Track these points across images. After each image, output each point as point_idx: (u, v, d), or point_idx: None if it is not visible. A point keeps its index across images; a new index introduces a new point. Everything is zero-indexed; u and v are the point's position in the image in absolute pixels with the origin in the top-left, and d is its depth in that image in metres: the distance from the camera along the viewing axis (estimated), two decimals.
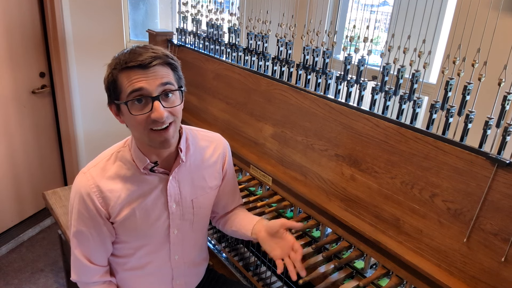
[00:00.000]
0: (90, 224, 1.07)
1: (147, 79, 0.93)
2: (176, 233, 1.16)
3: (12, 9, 2.35)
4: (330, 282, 1.17)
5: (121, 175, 1.07)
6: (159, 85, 0.95)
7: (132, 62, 0.92)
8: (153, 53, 0.95)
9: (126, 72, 0.94)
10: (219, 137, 1.26)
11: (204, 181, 1.19)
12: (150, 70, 0.94)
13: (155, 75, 0.94)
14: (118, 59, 0.95)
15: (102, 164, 1.08)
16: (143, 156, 1.06)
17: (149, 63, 0.93)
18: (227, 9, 1.81)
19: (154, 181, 1.10)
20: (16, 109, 2.52)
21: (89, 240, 1.09)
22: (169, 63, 0.98)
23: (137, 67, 0.93)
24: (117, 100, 0.97)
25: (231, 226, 1.28)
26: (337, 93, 1.32)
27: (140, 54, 0.94)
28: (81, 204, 1.06)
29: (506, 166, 0.90)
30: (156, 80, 0.94)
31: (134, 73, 0.93)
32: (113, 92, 0.98)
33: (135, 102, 0.95)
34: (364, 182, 1.22)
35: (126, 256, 1.17)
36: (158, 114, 0.94)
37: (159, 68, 0.95)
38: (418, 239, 1.09)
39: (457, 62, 1.03)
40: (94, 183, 1.05)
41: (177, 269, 1.22)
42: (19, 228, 2.72)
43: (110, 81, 0.97)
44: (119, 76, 0.95)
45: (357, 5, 1.46)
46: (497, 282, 0.94)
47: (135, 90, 0.93)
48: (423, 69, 1.09)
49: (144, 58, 0.93)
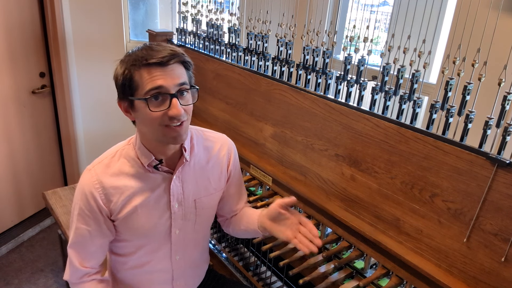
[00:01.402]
0: (90, 222, 1.07)
1: (165, 77, 0.95)
2: (178, 233, 1.16)
3: (12, 9, 2.35)
4: (330, 282, 1.18)
5: (124, 171, 1.08)
6: (177, 84, 0.96)
7: (153, 59, 0.93)
8: (171, 50, 0.96)
9: (145, 68, 0.94)
10: (224, 138, 1.25)
11: (208, 181, 1.19)
12: (168, 68, 0.95)
13: (173, 72, 0.96)
14: (136, 56, 0.95)
15: (107, 161, 1.09)
16: (148, 152, 1.06)
17: (168, 60, 0.94)
18: (227, 9, 1.81)
19: (158, 179, 1.10)
20: (16, 109, 2.52)
21: (86, 238, 1.09)
22: (184, 62, 1.00)
23: (157, 64, 0.94)
24: (132, 96, 0.98)
25: (240, 226, 1.27)
26: (337, 93, 1.32)
27: (158, 51, 0.95)
28: (83, 201, 1.06)
29: (506, 166, 0.90)
30: (174, 78, 0.96)
31: (153, 70, 0.94)
32: (128, 88, 0.97)
33: (153, 99, 0.96)
34: (364, 182, 1.22)
35: (127, 255, 1.17)
36: (176, 111, 0.95)
37: (176, 66, 0.97)
38: (418, 239, 1.09)
39: (457, 62, 1.03)
40: (98, 180, 1.06)
41: (177, 269, 1.22)
42: (19, 228, 2.72)
43: (126, 77, 0.97)
44: (137, 73, 0.95)
45: (357, 5, 1.46)
46: (497, 282, 0.94)
47: (155, 88, 0.94)
48: (423, 69, 1.09)
49: (164, 55, 0.94)
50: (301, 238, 1.01)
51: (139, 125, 1.05)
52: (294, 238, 1.02)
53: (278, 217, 1.07)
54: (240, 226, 1.27)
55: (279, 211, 1.06)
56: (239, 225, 1.27)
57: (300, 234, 1.02)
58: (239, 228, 1.27)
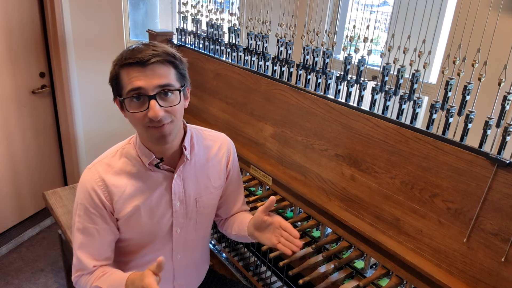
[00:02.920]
0: (97, 220, 1.07)
1: (145, 78, 0.94)
2: (179, 232, 1.17)
3: (12, 9, 2.35)
4: (330, 282, 1.18)
5: (126, 170, 1.08)
6: (157, 86, 0.95)
7: (131, 59, 0.93)
8: (153, 50, 0.95)
9: (126, 68, 0.95)
10: (224, 137, 1.26)
11: (208, 180, 1.19)
12: (148, 68, 0.94)
13: (153, 73, 0.95)
14: (121, 55, 0.97)
15: (107, 160, 1.09)
16: (148, 151, 1.07)
17: (147, 60, 0.93)
18: (227, 9, 1.81)
19: (159, 178, 1.10)
20: (16, 109, 2.52)
21: (95, 237, 1.08)
22: (169, 61, 0.98)
23: (136, 64, 0.93)
24: (119, 96, 0.99)
25: (232, 231, 1.27)
26: (337, 93, 1.32)
27: (140, 51, 0.94)
28: (87, 198, 1.06)
29: (506, 166, 0.90)
30: (153, 79, 0.94)
31: (133, 70, 0.94)
32: (116, 87, 1.00)
33: (134, 100, 0.96)
34: (364, 182, 1.22)
35: (129, 254, 1.17)
36: (153, 113, 0.94)
37: (158, 66, 0.95)
38: (418, 239, 1.09)
39: (457, 62, 1.03)
40: (100, 177, 1.06)
41: (178, 269, 1.22)
42: (19, 228, 2.72)
43: (112, 76, 0.99)
44: (120, 72, 0.97)
45: (357, 5, 1.46)
46: (497, 282, 0.94)
47: (133, 89, 0.95)
48: (423, 69, 1.09)
49: (143, 55, 0.93)
50: (284, 241, 1.04)
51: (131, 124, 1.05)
52: (278, 243, 1.05)
53: (262, 225, 1.09)
54: (231, 231, 1.28)
55: (262, 219, 1.07)
56: (231, 229, 1.28)
57: (282, 238, 1.05)
58: (231, 233, 1.28)
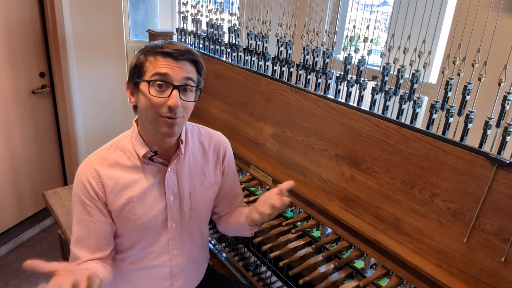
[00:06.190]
0: (93, 212, 1.08)
1: (174, 68, 1.00)
2: (175, 226, 1.18)
3: (12, 9, 2.35)
4: (330, 282, 1.18)
5: (120, 163, 1.10)
6: (183, 78, 1.01)
7: (168, 48, 1.00)
8: (188, 49, 1.03)
9: (158, 56, 1.00)
10: (219, 135, 1.29)
11: (203, 175, 1.21)
12: (179, 62, 1.01)
13: (183, 67, 1.01)
14: (155, 44, 1.03)
15: (102, 153, 1.11)
16: (144, 143, 1.09)
17: (181, 54, 1.00)
18: (227, 9, 1.81)
19: (153, 171, 1.12)
20: (16, 109, 2.52)
21: (90, 229, 1.08)
22: (197, 62, 1.05)
23: (170, 55, 1.00)
24: (139, 79, 1.02)
25: (230, 219, 1.29)
26: (337, 93, 1.32)
27: (176, 45, 1.02)
28: (82, 190, 1.07)
29: (506, 166, 0.90)
30: (182, 72, 1.01)
31: (164, 59, 1.00)
32: (138, 71, 1.02)
33: (156, 86, 1.00)
34: (364, 182, 1.22)
35: (125, 250, 1.17)
36: (174, 102, 0.99)
37: (188, 63, 1.03)
38: (418, 239, 1.09)
39: (457, 62, 1.03)
40: (94, 168, 1.08)
41: (176, 265, 1.23)
42: (19, 228, 2.72)
43: (139, 60, 1.03)
44: (150, 58, 1.01)
45: (357, 5, 1.46)
46: (497, 282, 0.94)
47: (160, 74, 0.99)
48: (423, 69, 1.09)
49: (179, 48, 1.01)
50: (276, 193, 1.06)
51: (139, 111, 1.07)
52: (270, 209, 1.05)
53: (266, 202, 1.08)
54: (229, 219, 1.29)
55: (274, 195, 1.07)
56: (229, 219, 1.30)
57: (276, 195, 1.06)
58: (228, 221, 1.30)
